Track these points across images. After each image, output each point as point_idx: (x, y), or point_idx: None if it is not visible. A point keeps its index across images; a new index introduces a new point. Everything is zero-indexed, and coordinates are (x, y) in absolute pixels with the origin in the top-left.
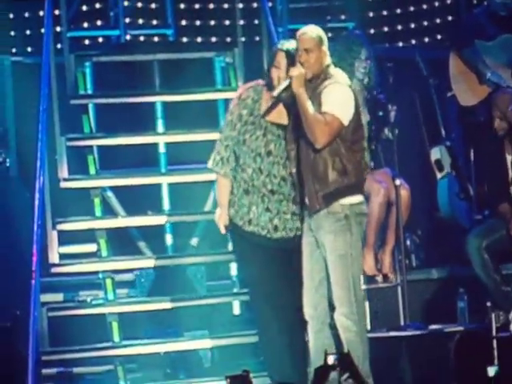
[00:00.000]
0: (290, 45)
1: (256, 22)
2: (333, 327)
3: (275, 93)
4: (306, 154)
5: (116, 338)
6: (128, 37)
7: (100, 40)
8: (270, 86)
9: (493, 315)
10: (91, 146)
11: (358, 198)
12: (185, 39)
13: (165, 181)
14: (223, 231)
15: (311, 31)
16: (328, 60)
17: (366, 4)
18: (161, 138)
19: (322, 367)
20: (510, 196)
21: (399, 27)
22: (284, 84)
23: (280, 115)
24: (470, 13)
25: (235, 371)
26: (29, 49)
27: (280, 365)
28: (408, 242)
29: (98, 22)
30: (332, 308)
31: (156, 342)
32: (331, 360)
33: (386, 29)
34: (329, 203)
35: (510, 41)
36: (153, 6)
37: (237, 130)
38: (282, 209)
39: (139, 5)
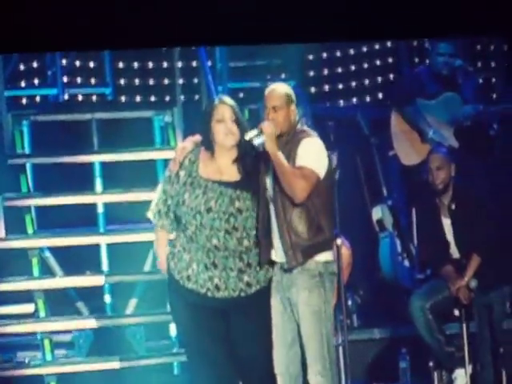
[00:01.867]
0: (229, 99)
1: (195, 80)
2: None
3: (247, 137)
4: (282, 209)
5: None
6: (66, 96)
7: (38, 99)
8: (209, 144)
9: (435, 375)
10: (29, 206)
11: (330, 257)
12: (123, 98)
13: (103, 241)
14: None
15: (280, 88)
16: (296, 117)
17: (306, 63)
18: (99, 198)
19: None
20: (450, 257)
21: (340, 86)
22: (254, 132)
23: (220, 172)
24: (412, 71)
25: None
26: None
27: None
28: (350, 302)
29: (36, 81)
30: (304, 367)
31: None
32: None
33: (326, 87)
34: (306, 259)
35: (451, 99)
36: (91, 64)
37: (175, 190)
38: (228, 265)
39: (77, 63)
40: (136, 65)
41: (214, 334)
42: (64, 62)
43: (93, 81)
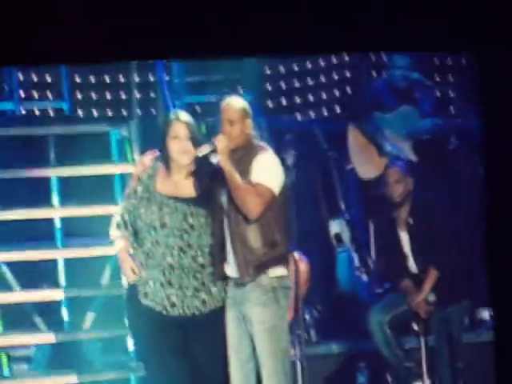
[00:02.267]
0: (184, 115)
1: (152, 95)
2: None
3: (200, 153)
4: (236, 225)
5: None
6: (23, 110)
7: None
8: (166, 160)
9: None
10: None
11: (284, 271)
12: (80, 112)
13: (60, 255)
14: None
15: (236, 102)
16: (252, 132)
17: (263, 77)
18: (56, 213)
19: None
20: (408, 271)
21: (297, 100)
22: (207, 147)
23: (176, 188)
24: (369, 85)
25: None
26: None
27: None
28: (307, 316)
29: None
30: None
31: None
32: None
33: (284, 101)
34: (259, 274)
35: (409, 113)
36: (48, 79)
37: (132, 205)
38: (183, 284)
39: (34, 78)
40: (93, 79)
41: (173, 347)
42: (21, 76)
43: (50, 95)
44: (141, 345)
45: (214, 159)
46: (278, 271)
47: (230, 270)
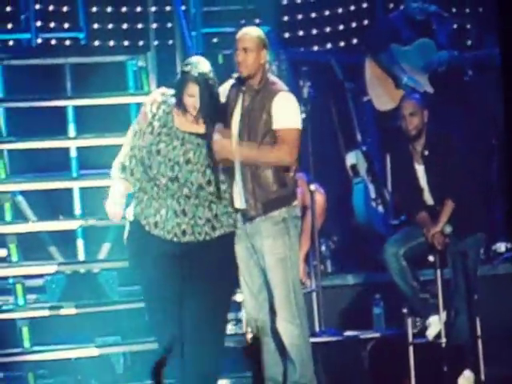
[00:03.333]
0: (200, 68)
1: (169, 25)
2: (275, 333)
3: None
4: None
5: (26, 343)
6: (39, 40)
7: (10, 43)
8: (181, 107)
9: (409, 321)
10: (1, 150)
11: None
12: (97, 43)
13: (76, 185)
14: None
15: (253, 31)
16: (266, 64)
17: (280, 8)
18: (72, 143)
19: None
20: (424, 203)
21: (314, 31)
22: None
23: (195, 126)
24: (386, 17)
25: (148, 377)
26: None
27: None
28: (323, 248)
29: (9, 25)
30: (273, 314)
31: (67, 348)
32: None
33: (300, 33)
34: (266, 212)
35: (426, 45)
36: (64, 9)
37: (147, 141)
38: (197, 214)
39: (51, 8)
40: (109, 9)
41: (171, 282)
42: (37, 6)
43: (66, 25)
44: (141, 275)
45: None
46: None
47: (238, 201)
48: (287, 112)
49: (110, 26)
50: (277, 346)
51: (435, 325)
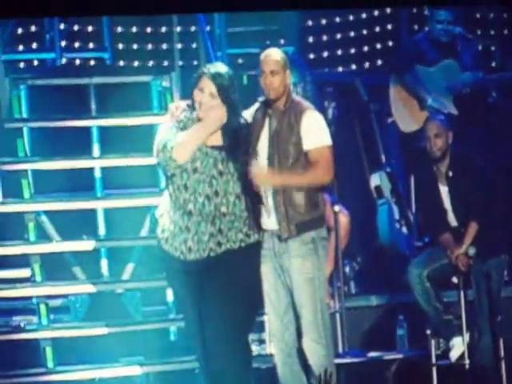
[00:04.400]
0: (217, 68)
1: (194, 45)
2: (300, 353)
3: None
4: None
5: (50, 363)
6: (64, 60)
7: (35, 63)
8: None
9: (432, 343)
10: (26, 170)
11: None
12: (122, 63)
13: (100, 205)
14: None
15: (275, 53)
16: (291, 83)
17: (305, 29)
18: (96, 163)
19: None
20: (448, 224)
21: (339, 52)
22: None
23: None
24: (411, 38)
25: None
26: None
27: None
28: (347, 269)
29: (34, 45)
30: (299, 334)
31: (90, 368)
32: None
33: (325, 54)
34: (300, 233)
35: (450, 66)
36: (89, 29)
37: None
38: (200, 229)
39: (75, 28)
40: (134, 29)
41: (191, 293)
42: (62, 26)
43: (91, 45)
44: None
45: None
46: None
47: (269, 223)
48: (317, 130)
49: (135, 46)
50: (302, 366)
51: (458, 346)
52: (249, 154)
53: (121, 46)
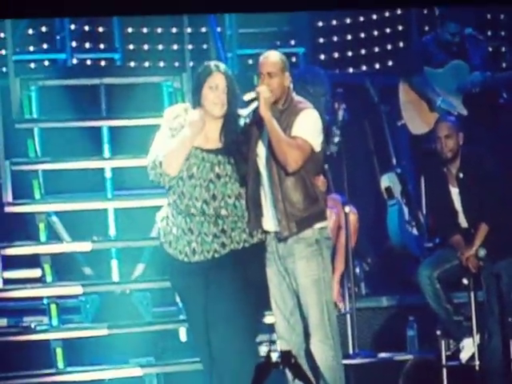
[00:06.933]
0: (223, 65)
1: (205, 46)
2: (308, 354)
3: (245, 113)
4: (278, 177)
5: (60, 364)
6: (74, 60)
7: (46, 64)
8: (196, 106)
9: (443, 344)
10: (36, 171)
11: (325, 222)
12: (132, 63)
13: (111, 206)
14: None
15: (274, 55)
16: (290, 85)
17: (315, 30)
18: (107, 163)
19: (263, 364)
20: (458, 226)
21: (349, 53)
22: (251, 95)
23: (204, 138)
24: (419, 40)
25: None
26: None
27: None
28: (357, 270)
29: (45, 46)
30: (306, 335)
31: (101, 369)
32: (274, 357)
33: (336, 55)
34: (300, 230)
35: (459, 67)
36: (100, 29)
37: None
38: (203, 230)
39: (86, 28)
40: (145, 30)
41: (196, 295)
42: (73, 26)
43: (102, 46)
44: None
45: (251, 107)
46: (320, 223)
47: (269, 224)
48: (308, 126)
49: (146, 46)
50: (310, 367)
51: (469, 347)
52: (247, 154)
53: (131, 46)
